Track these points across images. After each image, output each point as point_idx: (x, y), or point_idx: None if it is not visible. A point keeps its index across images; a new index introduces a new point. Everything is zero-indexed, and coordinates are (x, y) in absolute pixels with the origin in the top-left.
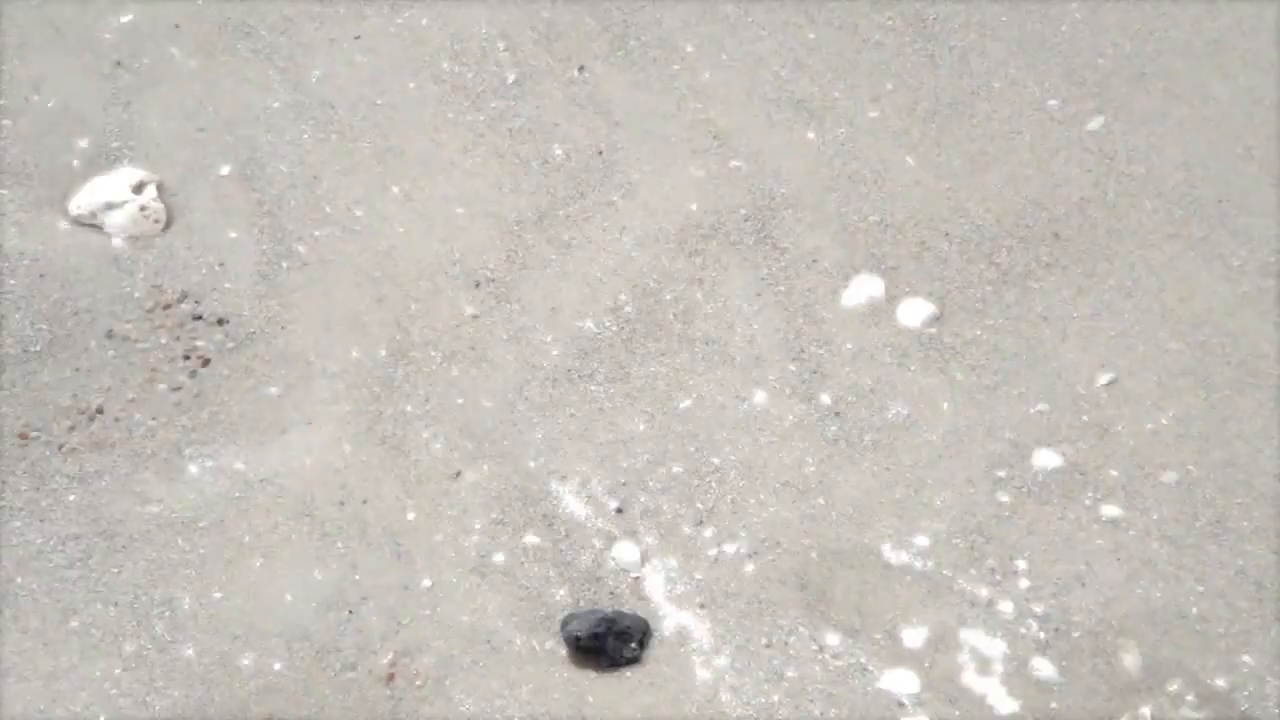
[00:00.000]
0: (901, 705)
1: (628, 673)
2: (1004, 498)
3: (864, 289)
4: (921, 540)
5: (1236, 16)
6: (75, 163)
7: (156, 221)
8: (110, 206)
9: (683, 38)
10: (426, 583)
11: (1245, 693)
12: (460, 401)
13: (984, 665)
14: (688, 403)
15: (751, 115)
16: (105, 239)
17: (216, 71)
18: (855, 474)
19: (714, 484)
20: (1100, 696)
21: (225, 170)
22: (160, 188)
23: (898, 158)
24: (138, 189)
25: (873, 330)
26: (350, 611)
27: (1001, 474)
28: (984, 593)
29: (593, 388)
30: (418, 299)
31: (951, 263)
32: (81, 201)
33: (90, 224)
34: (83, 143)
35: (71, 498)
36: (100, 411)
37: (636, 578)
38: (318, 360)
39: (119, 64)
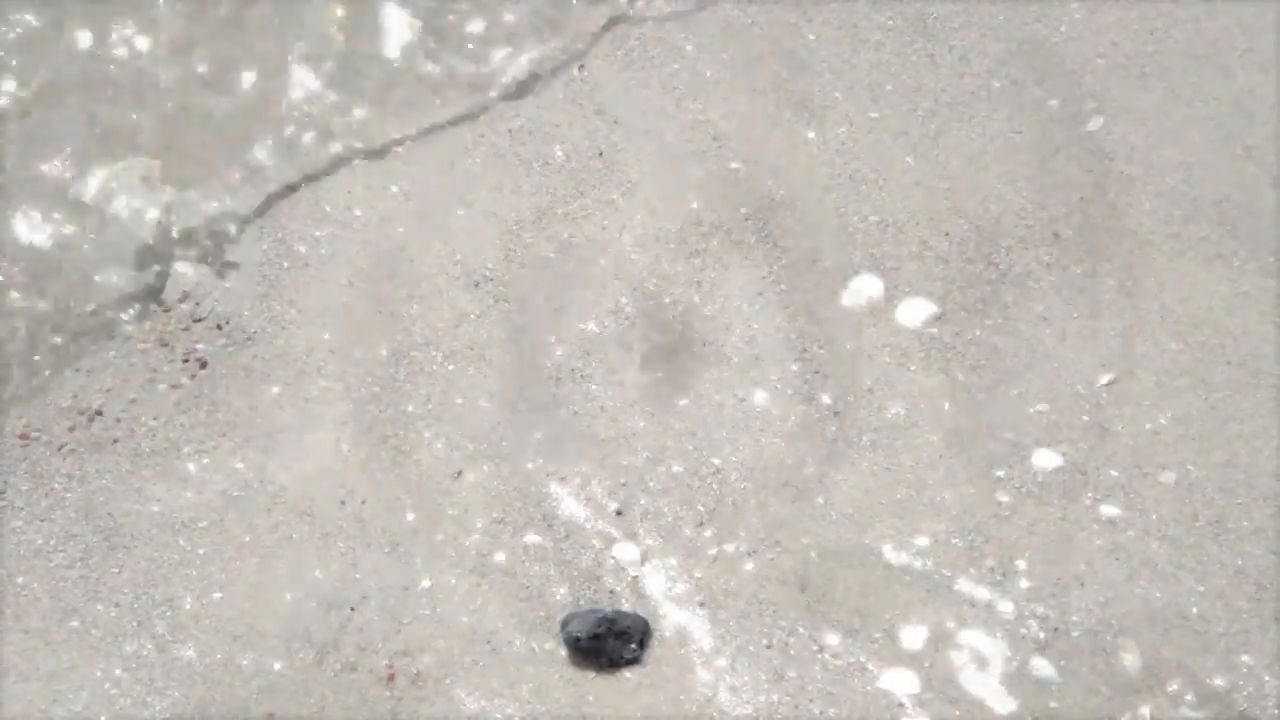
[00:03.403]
0: (901, 705)
1: (627, 673)
2: (1004, 498)
3: (864, 289)
4: (921, 540)
5: (1236, 16)
6: (77, 159)
7: None
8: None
9: (683, 38)
10: (426, 583)
11: (1245, 693)
12: (460, 401)
13: (984, 665)
14: (686, 402)
15: (751, 115)
16: (107, 236)
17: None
18: (855, 474)
19: (715, 485)
20: (1100, 696)
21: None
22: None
23: (898, 158)
24: (142, 184)
25: (872, 330)
26: (351, 610)
27: (1001, 474)
28: (984, 593)
29: (593, 387)
30: (418, 299)
31: (951, 263)
32: (84, 197)
33: (92, 221)
34: (85, 138)
35: (71, 497)
36: (100, 412)
37: (636, 577)
38: (318, 360)
39: (120, 62)
